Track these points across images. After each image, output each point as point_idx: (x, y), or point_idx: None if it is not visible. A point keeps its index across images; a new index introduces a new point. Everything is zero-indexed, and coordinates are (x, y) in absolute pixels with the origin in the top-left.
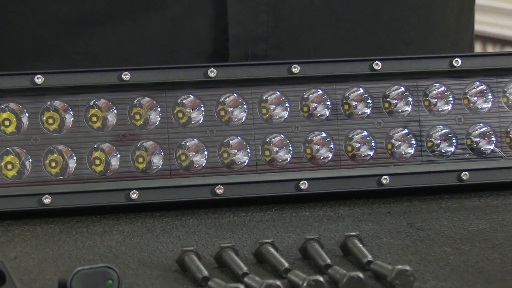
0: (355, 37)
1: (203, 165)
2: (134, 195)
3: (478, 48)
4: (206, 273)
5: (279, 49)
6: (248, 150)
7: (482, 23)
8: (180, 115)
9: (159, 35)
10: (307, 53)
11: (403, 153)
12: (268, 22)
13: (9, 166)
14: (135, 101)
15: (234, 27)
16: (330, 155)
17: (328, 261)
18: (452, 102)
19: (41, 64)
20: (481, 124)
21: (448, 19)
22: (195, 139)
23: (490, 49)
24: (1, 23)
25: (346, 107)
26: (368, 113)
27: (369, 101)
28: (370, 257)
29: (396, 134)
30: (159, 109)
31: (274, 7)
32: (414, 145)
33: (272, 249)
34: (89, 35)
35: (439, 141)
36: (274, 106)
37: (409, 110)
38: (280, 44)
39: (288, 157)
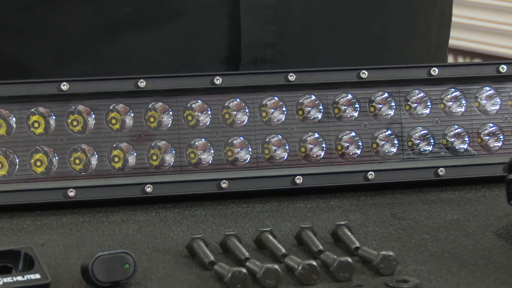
0: (348, 45)
1: (210, 162)
2: (148, 188)
3: (450, 59)
4: (212, 258)
5: (283, 55)
6: (250, 149)
7: (455, 38)
8: (189, 118)
9: (180, 42)
10: (308, 58)
11: (387, 151)
12: (275, 31)
13: (38, 163)
14: (150, 106)
15: (246, 35)
16: (322, 153)
17: (321, 247)
18: (430, 106)
19: (76, 67)
20: (455, 126)
21: (431, 32)
22: (202, 139)
23: (461, 60)
24: (44, 30)
25: (336, 111)
26: (356, 116)
27: (357, 105)
28: (357, 244)
29: (380, 135)
30: (171, 113)
31: (280, 18)
32: (396, 145)
33: (270, 237)
34: (119, 42)
35: (418, 141)
36: (272, 110)
37: (392, 114)
38: (285, 50)
39: (285, 155)
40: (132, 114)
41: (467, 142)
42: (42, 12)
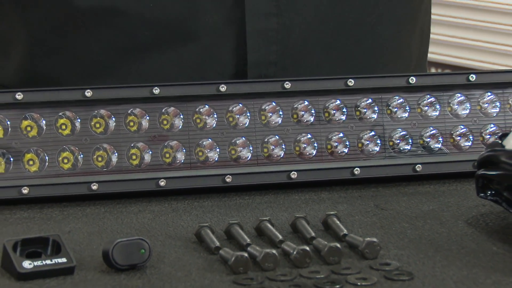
0: (342, 60)
1: (216, 159)
2: (162, 183)
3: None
4: (218, 243)
5: (285, 71)
6: (251, 148)
7: (430, 52)
8: (198, 120)
9: (193, 61)
10: (306, 73)
11: (371, 150)
12: (277, 51)
13: (65, 161)
14: (163, 110)
15: (251, 55)
16: (314, 152)
17: (313, 234)
18: (408, 110)
19: (100, 82)
20: (430, 128)
21: (413, 48)
22: (209, 139)
23: (434, 71)
24: (74, 50)
25: (327, 114)
26: (343, 119)
27: (344, 110)
28: (345, 231)
29: (365, 136)
30: (181, 116)
31: (281, 39)
32: (379, 144)
33: (269, 225)
34: (139, 60)
35: (398, 141)
36: (270, 114)
37: (375, 117)
38: (286, 67)
39: (282, 153)
40: (147, 118)
41: (441, 142)
42: (73, 34)
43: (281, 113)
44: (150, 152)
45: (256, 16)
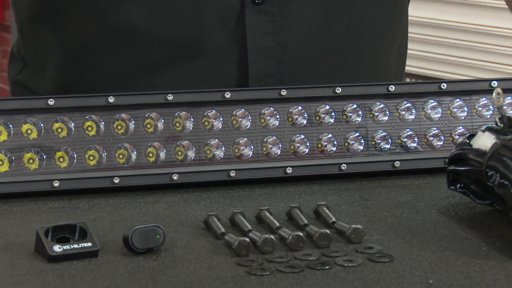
0: (331, 72)
1: (221, 156)
2: (175, 177)
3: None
4: (223, 230)
5: (281, 82)
6: (252, 147)
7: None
8: (206, 123)
9: (202, 74)
10: (300, 84)
11: (356, 149)
12: (274, 65)
13: (91, 158)
14: (176, 114)
15: (252, 68)
16: (307, 150)
17: (306, 221)
18: (388, 114)
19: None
20: (407, 129)
21: (392, 62)
22: (216, 139)
23: (408, 81)
24: (100, 65)
25: (317, 118)
26: (332, 122)
27: (333, 114)
28: (334, 219)
29: (351, 136)
30: (192, 119)
31: (278, 55)
32: (363, 143)
33: (267, 214)
34: (156, 73)
35: (379, 141)
36: (269, 117)
37: (360, 120)
38: (282, 78)
39: (278, 151)
40: (162, 120)
41: (416, 141)
42: (99, 52)
43: (278, 116)
44: (165, 151)
45: (255, 35)
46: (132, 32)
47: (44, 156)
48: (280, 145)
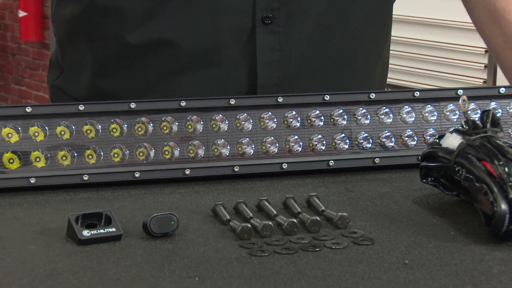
0: (326, 83)
1: (227, 154)
2: (187, 171)
3: None
4: (228, 217)
5: (285, 91)
6: (253, 146)
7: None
8: (214, 125)
9: (217, 82)
10: (300, 92)
11: (341, 147)
12: (279, 76)
13: (116, 155)
14: (188, 118)
15: (260, 78)
16: (300, 149)
17: (299, 210)
18: (369, 118)
19: (147, 97)
20: (386, 131)
21: (377, 75)
22: (222, 139)
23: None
24: (126, 72)
25: (309, 121)
26: (321, 124)
27: (322, 118)
28: (323, 208)
29: (337, 137)
30: (202, 123)
31: (282, 68)
32: (348, 143)
33: (266, 203)
34: (177, 80)
35: (362, 141)
36: (268, 121)
37: (345, 123)
38: (285, 87)
39: (276, 149)
40: (176, 123)
41: (393, 141)
42: (127, 61)
43: (275, 120)
44: (178, 149)
45: (264, 50)
46: (158, 44)
47: (75, 154)
48: (277, 145)
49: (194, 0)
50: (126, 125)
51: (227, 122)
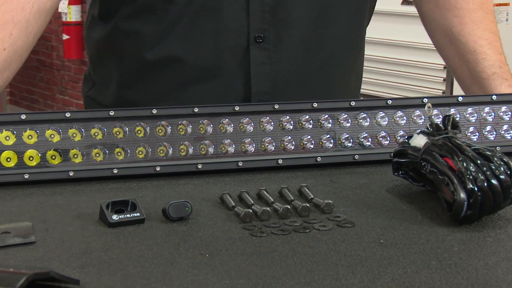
0: (310, 93)
1: (232, 152)
2: (199, 166)
3: None
4: (233, 204)
5: (274, 98)
6: (254, 145)
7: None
8: (221, 128)
9: (219, 91)
10: (289, 100)
11: (327, 146)
12: (270, 85)
13: (140, 152)
14: (200, 121)
15: (254, 87)
16: (293, 147)
17: (292, 198)
18: (350, 122)
19: (163, 105)
20: (364, 133)
21: (352, 86)
22: (228, 139)
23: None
24: (146, 84)
25: (300, 124)
26: (310, 127)
27: (311, 121)
28: (312, 196)
29: (324, 137)
30: (211, 125)
31: (273, 78)
32: (332, 142)
33: (265, 192)
34: (187, 91)
35: (344, 141)
36: (266, 124)
37: (330, 126)
38: (276, 96)
39: (273, 148)
40: (190, 126)
41: (370, 141)
42: (146, 75)
43: (272, 123)
44: (192, 147)
45: (257, 64)
46: (170, 60)
47: (107, 151)
48: (273, 144)
49: (199, 23)
50: (148, 128)
51: (232, 125)
